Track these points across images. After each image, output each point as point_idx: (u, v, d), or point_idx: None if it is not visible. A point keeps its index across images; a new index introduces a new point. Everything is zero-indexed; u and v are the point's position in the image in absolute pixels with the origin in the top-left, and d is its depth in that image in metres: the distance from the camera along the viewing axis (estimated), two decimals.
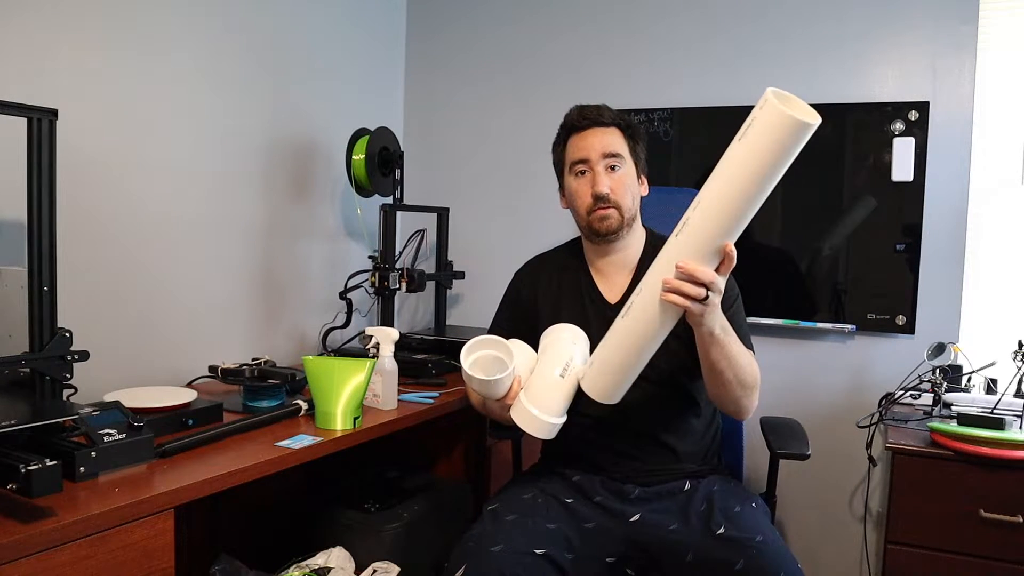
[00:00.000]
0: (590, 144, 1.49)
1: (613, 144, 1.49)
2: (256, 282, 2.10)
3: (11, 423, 1.08)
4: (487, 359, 1.36)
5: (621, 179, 1.48)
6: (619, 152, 1.49)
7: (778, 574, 1.22)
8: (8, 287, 1.31)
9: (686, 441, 1.49)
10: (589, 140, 1.49)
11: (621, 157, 1.49)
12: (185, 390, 1.59)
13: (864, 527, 2.16)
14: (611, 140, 1.49)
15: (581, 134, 1.50)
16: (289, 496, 1.90)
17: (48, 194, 1.23)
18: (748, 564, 1.23)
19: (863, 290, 2.13)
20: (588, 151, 1.49)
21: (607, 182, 1.47)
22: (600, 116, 1.50)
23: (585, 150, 1.49)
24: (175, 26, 1.82)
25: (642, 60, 2.37)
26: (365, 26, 2.50)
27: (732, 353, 1.33)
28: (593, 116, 1.50)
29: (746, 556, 1.24)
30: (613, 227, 1.49)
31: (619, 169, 1.48)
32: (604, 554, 1.38)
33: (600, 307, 1.53)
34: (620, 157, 1.49)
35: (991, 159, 2.06)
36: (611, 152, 1.48)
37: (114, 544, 1.06)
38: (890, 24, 2.10)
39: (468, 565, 1.26)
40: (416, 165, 2.62)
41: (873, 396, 2.05)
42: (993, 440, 1.57)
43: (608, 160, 1.48)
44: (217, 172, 1.96)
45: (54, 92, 1.55)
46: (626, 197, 1.48)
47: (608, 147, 1.48)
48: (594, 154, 1.48)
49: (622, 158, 1.49)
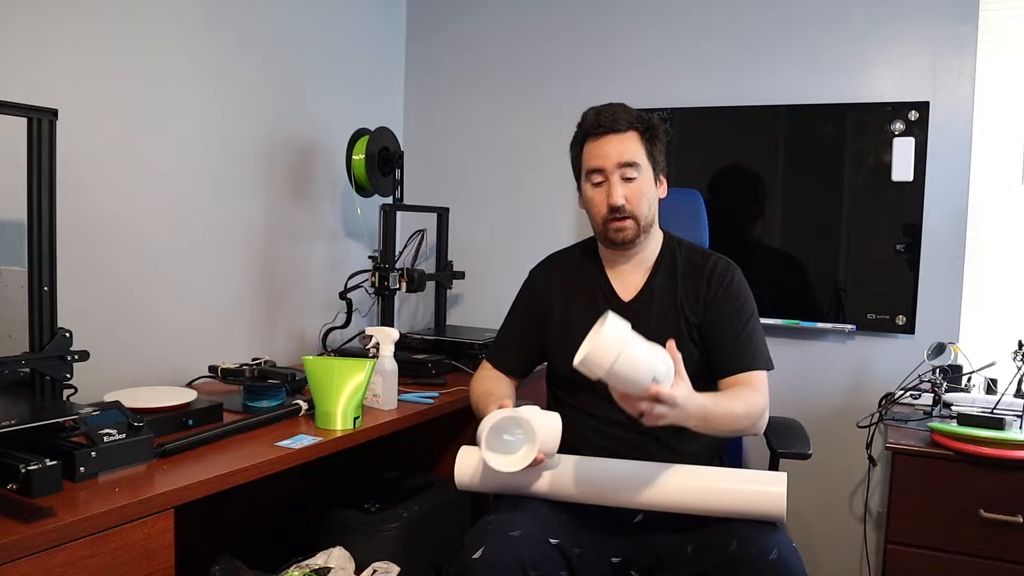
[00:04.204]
0: (605, 153, 1.46)
1: (629, 152, 1.46)
2: (256, 282, 2.10)
3: (11, 423, 1.08)
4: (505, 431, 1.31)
5: (637, 188, 1.46)
6: (635, 160, 1.46)
7: (771, 550, 1.21)
8: (8, 287, 1.30)
9: (688, 442, 1.49)
10: (605, 148, 1.46)
11: (637, 165, 1.46)
12: (185, 390, 1.59)
13: (864, 527, 2.16)
14: (627, 148, 1.46)
15: (597, 141, 1.48)
16: (289, 496, 1.90)
17: (48, 194, 1.23)
18: (741, 543, 1.23)
19: (863, 290, 2.13)
20: (603, 160, 1.46)
21: (623, 192, 1.45)
22: (616, 123, 1.46)
23: (600, 159, 1.47)
24: (175, 26, 1.82)
25: (642, 60, 2.37)
26: (365, 26, 2.50)
27: (719, 426, 1.34)
28: (609, 122, 1.46)
29: (739, 537, 1.24)
30: (629, 237, 1.48)
31: (635, 178, 1.46)
32: (609, 554, 1.38)
33: (614, 305, 1.52)
34: (636, 166, 1.46)
35: (991, 159, 2.06)
36: (627, 161, 1.45)
37: (114, 544, 1.06)
38: (890, 24, 2.10)
39: (486, 547, 1.24)
40: (416, 165, 2.62)
41: (873, 396, 2.05)
42: (993, 440, 1.57)
43: (624, 170, 1.45)
44: (217, 172, 1.96)
45: (54, 92, 1.55)
46: (642, 206, 1.47)
47: (624, 156, 1.45)
48: (609, 164, 1.46)
49: (638, 166, 1.46)
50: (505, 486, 1.38)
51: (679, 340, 1.47)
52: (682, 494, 1.29)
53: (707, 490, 1.28)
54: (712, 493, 1.27)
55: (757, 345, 1.47)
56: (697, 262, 1.54)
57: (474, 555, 1.24)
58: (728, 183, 2.26)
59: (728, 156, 2.26)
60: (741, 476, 1.30)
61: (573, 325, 1.54)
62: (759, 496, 1.26)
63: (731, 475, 1.30)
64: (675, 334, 1.48)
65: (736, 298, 1.50)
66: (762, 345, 1.49)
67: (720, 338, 1.47)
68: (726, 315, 1.48)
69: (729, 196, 2.25)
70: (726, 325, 1.47)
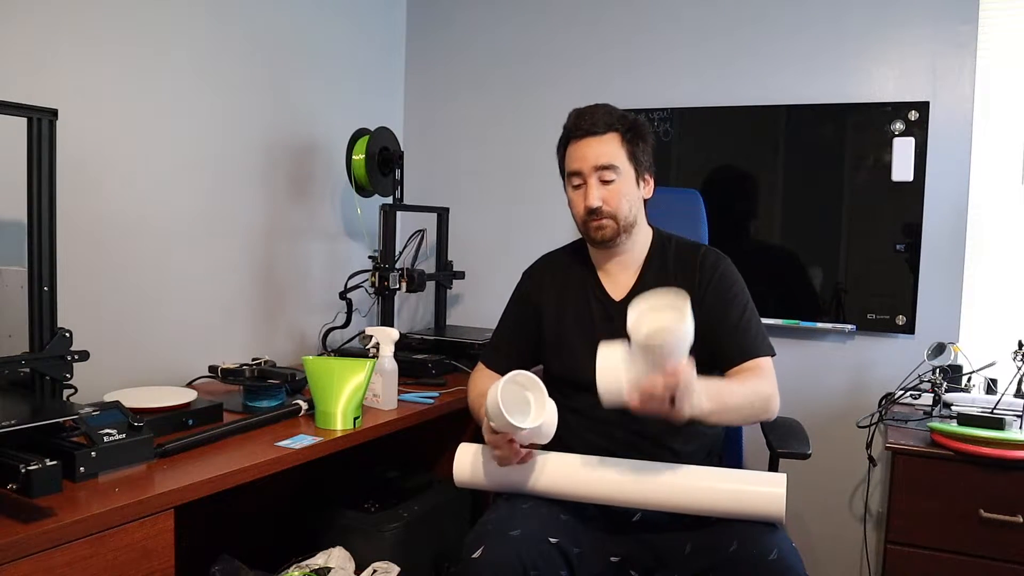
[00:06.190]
0: (583, 155, 1.47)
1: (607, 155, 1.46)
2: (256, 282, 2.10)
3: (11, 423, 1.08)
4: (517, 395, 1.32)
5: (615, 190, 1.46)
6: (613, 163, 1.46)
7: (771, 551, 1.21)
8: (8, 287, 1.31)
9: (687, 442, 1.49)
10: (583, 151, 1.47)
11: (615, 168, 1.46)
12: (185, 390, 1.59)
13: (864, 527, 2.16)
14: (605, 150, 1.46)
15: (576, 144, 1.48)
16: (289, 496, 1.90)
17: (48, 194, 1.24)
18: (741, 543, 1.23)
19: (863, 290, 2.13)
20: (581, 163, 1.47)
21: (599, 195, 1.45)
22: (595, 125, 1.46)
23: (578, 162, 1.47)
24: (175, 26, 1.82)
25: (642, 60, 2.37)
26: (365, 26, 2.50)
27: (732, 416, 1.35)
28: (588, 125, 1.47)
29: (739, 537, 1.24)
30: (608, 236, 1.48)
31: (613, 180, 1.46)
32: (608, 553, 1.38)
33: (605, 305, 1.53)
34: (614, 168, 1.46)
35: (991, 159, 2.06)
36: (604, 164, 1.45)
37: (114, 544, 1.06)
38: (890, 24, 2.10)
39: (486, 547, 1.24)
40: (416, 165, 2.62)
41: (873, 396, 2.05)
42: (993, 440, 1.57)
43: (601, 172, 1.45)
44: (217, 172, 1.96)
45: (54, 92, 1.55)
46: (621, 207, 1.47)
47: (601, 159, 1.45)
48: (586, 166, 1.46)
49: (616, 169, 1.46)
50: (504, 483, 1.38)
51: None
52: (681, 494, 1.29)
53: (706, 490, 1.28)
54: (711, 493, 1.27)
55: (757, 332, 1.47)
56: (687, 256, 1.54)
57: (474, 554, 1.24)
58: (728, 183, 2.26)
59: (728, 156, 2.26)
60: (741, 477, 1.30)
61: (565, 326, 1.55)
62: (758, 497, 1.26)
63: (731, 476, 1.30)
64: None
65: (729, 287, 1.50)
66: (761, 331, 1.50)
67: (719, 330, 1.47)
68: (722, 305, 1.48)
69: (729, 196, 2.25)
70: (723, 316, 1.47)
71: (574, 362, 1.51)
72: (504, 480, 1.38)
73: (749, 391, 1.38)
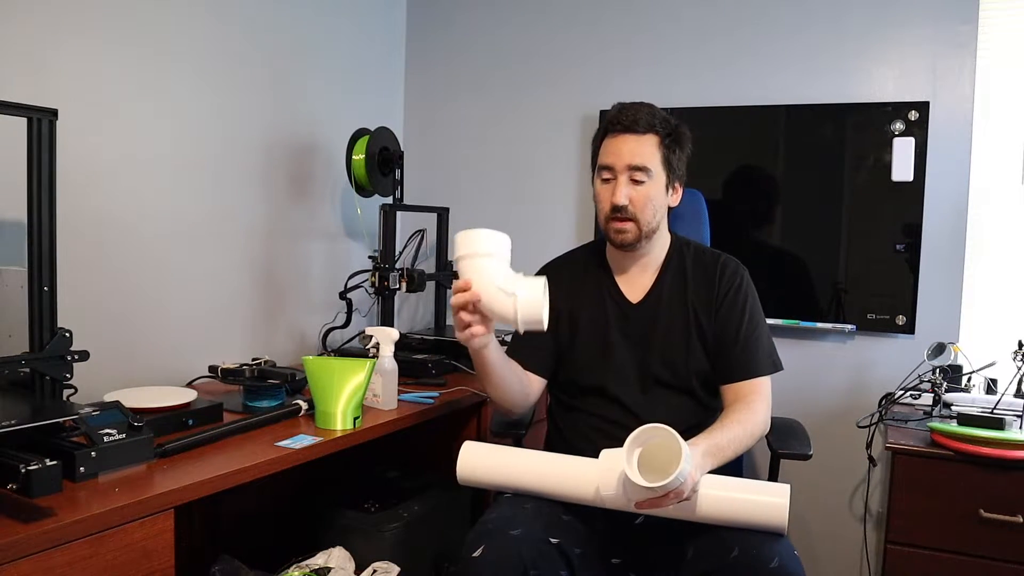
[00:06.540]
0: (618, 151, 1.44)
1: (642, 155, 1.43)
2: (256, 282, 2.10)
3: (11, 423, 1.08)
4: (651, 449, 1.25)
5: (644, 193, 1.44)
6: (647, 165, 1.43)
7: (773, 558, 1.20)
8: (8, 287, 1.31)
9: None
10: (618, 147, 1.44)
11: (648, 171, 1.43)
12: (185, 390, 1.59)
13: (864, 527, 2.16)
14: (642, 150, 1.43)
15: (613, 138, 1.46)
16: (289, 496, 1.90)
17: (48, 194, 1.23)
18: (743, 550, 1.23)
19: (863, 290, 2.13)
20: (614, 159, 1.44)
21: (627, 193, 1.43)
22: (635, 123, 1.43)
23: (612, 156, 1.45)
24: (175, 26, 1.82)
25: (642, 60, 2.37)
26: (365, 26, 2.50)
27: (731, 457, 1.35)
28: (628, 121, 1.44)
29: (740, 543, 1.24)
30: (628, 240, 1.46)
31: (644, 183, 1.44)
32: (609, 555, 1.38)
33: (621, 306, 1.52)
34: (647, 171, 1.43)
35: (991, 159, 2.06)
36: (637, 165, 1.43)
37: (114, 544, 1.06)
38: (890, 24, 2.10)
39: (486, 547, 1.24)
40: (416, 165, 2.62)
41: (873, 396, 2.05)
42: (993, 440, 1.57)
43: (633, 172, 1.43)
44: (217, 172, 1.96)
45: (54, 92, 1.55)
46: (646, 211, 1.44)
47: (635, 158, 1.43)
48: (619, 163, 1.44)
49: (649, 171, 1.43)
50: (506, 483, 1.38)
51: (687, 340, 1.48)
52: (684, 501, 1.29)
53: (709, 498, 1.27)
54: (714, 501, 1.27)
55: (761, 350, 1.47)
56: (707, 263, 1.53)
57: (474, 553, 1.24)
58: (728, 183, 2.25)
59: (728, 156, 2.26)
60: (744, 486, 1.29)
61: (580, 327, 1.54)
62: (761, 507, 1.25)
63: (734, 484, 1.30)
64: (684, 335, 1.48)
65: (744, 301, 1.49)
66: (766, 348, 1.48)
67: (725, 343, 1.47)
68: (734, 318, 1.48)
69: (729, 196, 2.25)
70: (732, 329, 1.47)
71: (583, 363, 1.51)
72: (507, 479, 1.38)
73: (745, 434, 1.38)
